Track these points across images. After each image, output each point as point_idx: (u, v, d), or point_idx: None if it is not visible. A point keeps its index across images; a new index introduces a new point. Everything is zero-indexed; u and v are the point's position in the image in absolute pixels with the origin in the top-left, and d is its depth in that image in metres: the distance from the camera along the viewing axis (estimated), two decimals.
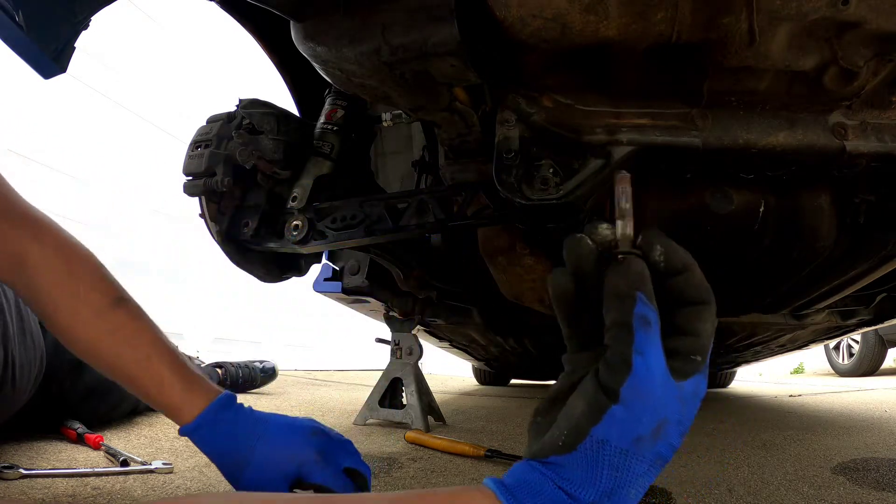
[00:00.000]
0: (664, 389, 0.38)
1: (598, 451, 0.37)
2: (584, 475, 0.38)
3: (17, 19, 0.78)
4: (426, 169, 1.25)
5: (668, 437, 0.39)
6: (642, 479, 0.38)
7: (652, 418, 0.38)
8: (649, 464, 0.38)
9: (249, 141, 1.00)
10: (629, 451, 0.37)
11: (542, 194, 0.76)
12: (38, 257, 0.64)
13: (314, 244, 1.01)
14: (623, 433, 0.37)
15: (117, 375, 0.67)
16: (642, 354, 0.37)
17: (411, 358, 1.75)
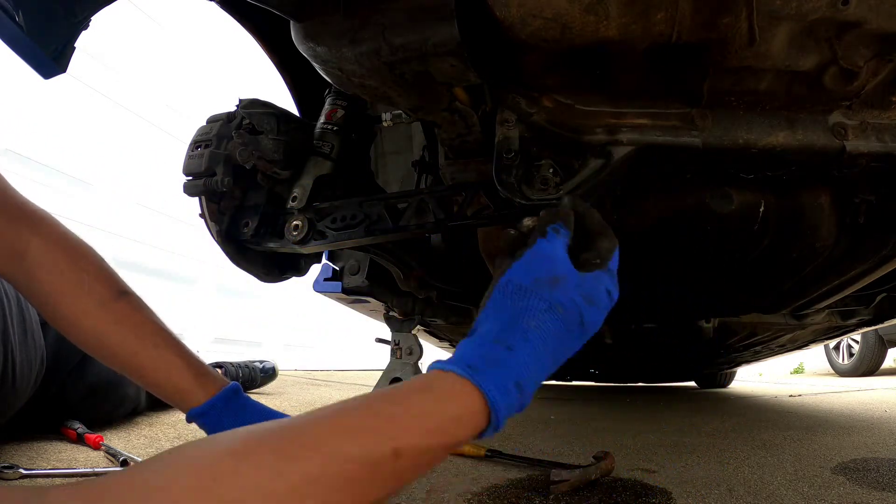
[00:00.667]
0: (561, 259, 0.49)
1: (504, 287, 0.47)
2: (493, 307, 0.46)
3: (17, 19, 0.78)
4: (426, 169, 1.25)
5: (566, 289, 0.47)
6: (540, 315, 0.45)
7: (548, 271, 0.47)
8: (546, 305, 0.45)
9: (249, 141, 1.00)
10: (528, 287, 0.46)
11: (542, 194, 0.76)
12: (39, 250, 0.64)
13: (314, 244, 1.01)
14: (524, 274, 0.47)
15: (124, 365, 0.66)
16: (548, 240, 0.50)
17: (411, 358, 1.74)
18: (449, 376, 0.41)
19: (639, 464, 1.23)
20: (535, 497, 0.95)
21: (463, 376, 0.40)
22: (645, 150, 0.78)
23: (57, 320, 0.65)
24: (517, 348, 0.43)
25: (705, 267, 1.13)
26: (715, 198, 0.92)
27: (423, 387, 0.41)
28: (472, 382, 0.40)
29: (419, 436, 0.38)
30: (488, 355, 0.42)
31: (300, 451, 0.34)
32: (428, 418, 0.39)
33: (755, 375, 7.37)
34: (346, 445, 0.35)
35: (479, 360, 0.42)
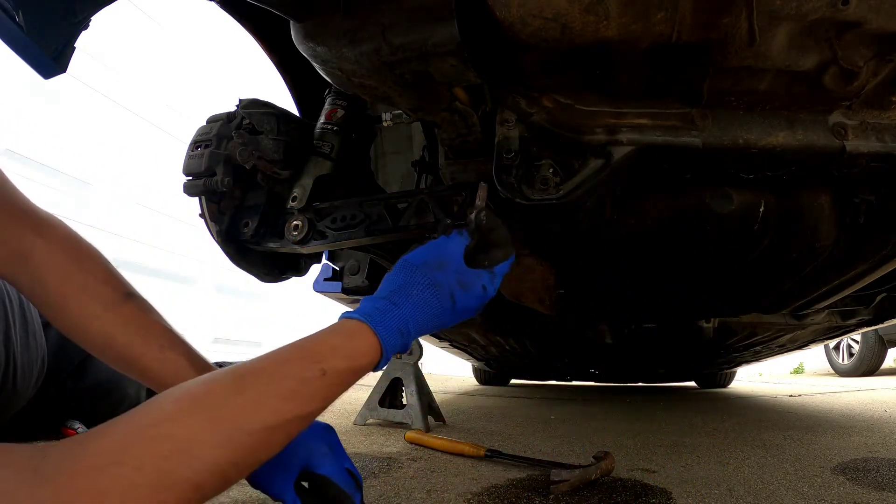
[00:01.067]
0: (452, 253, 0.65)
1: (402, 265, 0.63)
2: (390, 277, 0.62)
3: (17, 19, 0.78)
4: (426, 169, 1.25)
5: (446, 273, 0.62)
6: (422, 289, 0.60)
7: (437, 256, 0.63)
8: (427, 282, 0.61)
9: (249, 141, 1.00)
10: (417, 266, 0.62)
11: (542, 194, 0.76)
12: (44, 252, 0.64)
13: (314, 244, 1.01)
14: (417, 257, 0.63)
15: (131, 367, 0.66)
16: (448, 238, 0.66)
17: (411, 358, 1.75)
18: (354, 322, 0.57)
19: (639, 464, 1.23)
20: (535, 497, 0.95)
21: (362, 321, 0.56)
22: (645, 150, 0.78)
23: (62, 323, 0.65)
24: (401, 305, 0.59)
25: (705, 267, 1.13)
26: (715, 198, 0.92)
27: (336, 329, 0.56)
28: (368, 325, 0.56)
29: (336, 360, 0.53)
30: (381, 307, 0.58)
31: (252, 377, 0.49)
32: (342, 348, 0.54)
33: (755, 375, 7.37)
34: (286, 368, 0.50)
35: (373, 310, 0.58)
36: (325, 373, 0.51)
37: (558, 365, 2.92)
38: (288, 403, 0.48)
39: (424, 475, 1.10)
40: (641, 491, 0.99)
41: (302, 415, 0.49)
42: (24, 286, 0.65)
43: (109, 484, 0.39)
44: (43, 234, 0.65)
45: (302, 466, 0.66)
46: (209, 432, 0.44)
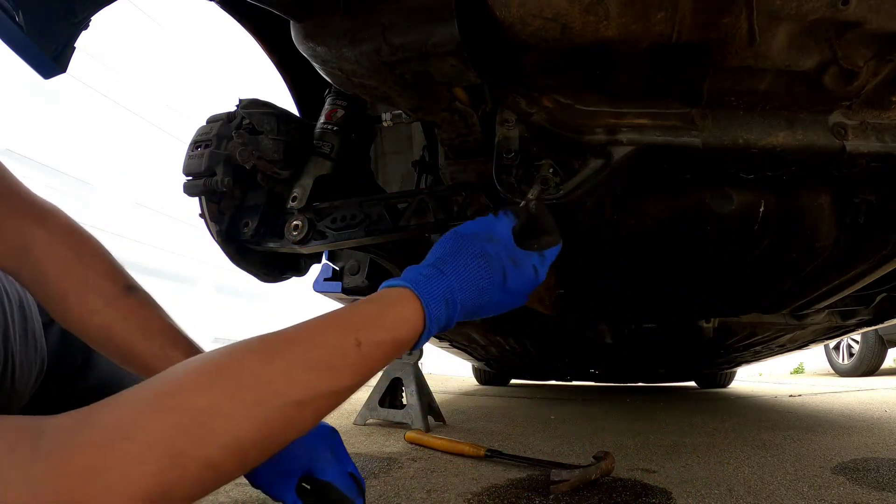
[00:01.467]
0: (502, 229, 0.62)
1: (452, 234, 0.60)
2: (439, 245, 0.59)
3: (17, 19, 0.78)
4: (426, 169, 1.25)
5: (497, 246, 0.59)
6: (472, 259, 0.57)
7: (486, 231, 0.61)
8: (479, 252, 0.58)
9: (249, 141, 1.00)
10: (468, 236, 0.59)
11: (543, 194, 0.76)
12: (44, 244, 0.63)
13: (314, 244, 1.01)
14: (468, 228, 0.61)
15: (130, 364, 0.66)
16: (496, 216, 0.64)
17: (411, 358, 1.75)
18: (395, 289, 0.52)
19: (639, 464, 1.23)
20: (535, 497, 0.95)
21: (406, 286, 0.52)
22: (645, 150, 0.78)
23: (62, 316, 0.64)
24: (448, 273, 0.55)
25: (705, 267, 1.13)
26: (715, 198, 0.92)
27: (376, 297, 0.52)
28: (412, 291, 0.52)
29: (374, 330, 0.48)
30: (427, 273, 0.54)
31: (283, 344, 0.45)
32: (380, 317, 0.50)
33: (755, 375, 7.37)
34: (319, 338, 0.46)
35: (418, 276, 0.54)
36: (361, 343, 0.47)
37: (558, 365, 2.92)
38: (320, 376, 0.44)
39: (424, 475, 1.10)
40: (641, 491, 0.99)
41: (335, 390, 0.45)
42: (26, 279, 0.64)
43: (113, 461, 0.34)
44: (43, 225, 0.64)
45: (304, 469, 0.65)
46: (231, 404, 0.39)
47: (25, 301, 1.15)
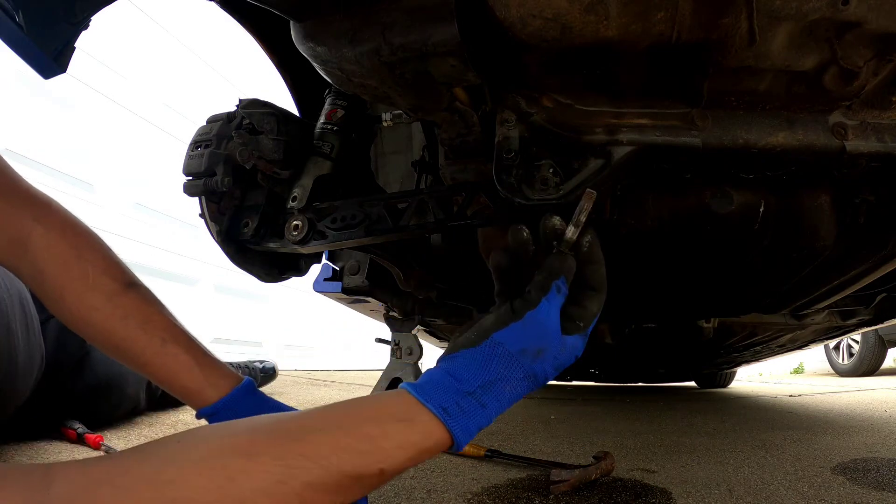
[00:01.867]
0: (553, 330, 0.52)
1: (494, 348, 0.50)
2: (479, 364, 0.50)
3: (17, 19, 0.78)
4: (426, 169, 1.25)
5: (543, 363, 0.51)
6: (516, 384, 0.50)
7: (537, 342, 0.51)
8: (524, 374, 0.51)
9: (249, 141, 1.00)
10: (515, 356, 0.50)
11: (542, 194, 0.76)
12: (43, 240, 0.62)
13: (314, 244, 1.01)
14: (515, 342, 0.51)
15: (131, 361, 0.65)
16: (549, 302, 0.52)
17: (411, 358, 1.74)
18: (426, 414, 0.47)
19: (639, 464, 1.23)
20: (535, 497, 0.95)
21: (439, 419, 0.47)
22: (645, 150, 0.78)
23: (62, 313, 0.64)
24: (489, 407, 0.49)
25: (705, 267, 1.13)
26: (715, 198, 0.92)
27: (405, 416, 0.47)
28: (446, 427, 0.47)
29: (400, 461, 0.46)
30: (463, 405, 0.48)
31: (301, 461, 0.42)
32: (410, 449, 0.46)
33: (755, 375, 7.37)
34: (342, 462, 0.43)
35: (454, 406, 0.48)
36: (384, 472, 0.45)
37: None
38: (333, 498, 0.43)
39: (424, 475, 1.10)
40: (641, 491, 0.99)
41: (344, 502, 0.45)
42: (25, 275, 0.63)
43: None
44: (42, 220, 0.63)
45: None
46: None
47: (25, 298, 1.15)
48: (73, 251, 0.63)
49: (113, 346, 0.64)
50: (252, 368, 2.39)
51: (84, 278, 0.63)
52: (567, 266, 0.55)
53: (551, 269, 0.54)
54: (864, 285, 1.11)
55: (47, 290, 0.63)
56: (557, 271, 0.54)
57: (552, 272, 0.54)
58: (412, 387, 0.49)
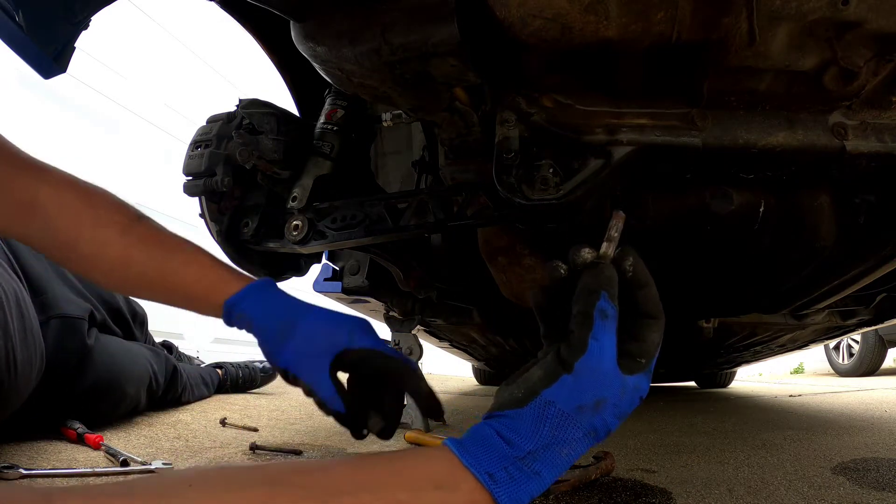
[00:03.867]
0: (610, 374, 0.44)
1: (544, 409, 0.43)
2: (529, 428, 0.43)
3: (17, 19, 0.78)
4: (426, 169, 1.25)
5: (604, 415, 0.44)
6: (575, 444, 0.44)
7: (595, 393, 0.44)
8: (584, 433, 0.44)
9: (249, 141, 1.00)
10: (570, 415, 0.43)
11: (542, 194, 0.76)
12: (50, 197, 0.64)
13: (314, 244, 1.01)
14: (569, 399, 0.43)
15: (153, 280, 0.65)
16: (598, 340, 0.44)
17: (411, 358, 1.74)
18: (469, 479, 0.41)
19: (639, 464, 1.23)
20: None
21: (485, 486, 0.41)
22: (645, 150, 0.78)
23: (78, 261, 0.65)
24: (543, 475, 0.43)
25: (705, 267, 1.13)
26: (715, 198, 0.92)
27: (444, 483, 0.41)
28: (492, 497, 0.41)
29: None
30: (513, 472, 0.42)
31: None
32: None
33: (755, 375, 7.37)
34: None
35: (502, 472, 0.42)
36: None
37: None
38: None
39: None
40: (641, 491, 0.99)
41: None
42: (34, 237, 0.64)
43: None
44: (46, 180, 0.65)
45: (338, 348, 0.61)
46: None
47: (22, 298, 1.15)
48: (81, 199, 0.65)
49: (134, 272, 0.65)
50: (252, 368, 2.39)
51: (96, 220, 0.65)
52: (604, 279, 0.47)
53: (587, 289, 0.46)
54: (864, 285, 1.11)
55: (60, 243, 0.64)
56: (595, 288, 0.46)
57: (589, 293, 0.46)
58: (455, 444, 0.43)
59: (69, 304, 1.33)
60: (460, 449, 0.42)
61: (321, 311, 0.63)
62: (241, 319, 0.64)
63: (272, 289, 0.65)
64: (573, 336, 0.45)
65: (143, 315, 1.75)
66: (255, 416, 1.83)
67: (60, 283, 1.36)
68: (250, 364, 2.40)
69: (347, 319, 0.63)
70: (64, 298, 1.33)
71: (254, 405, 2.05)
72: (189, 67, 4.24)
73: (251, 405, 2.05)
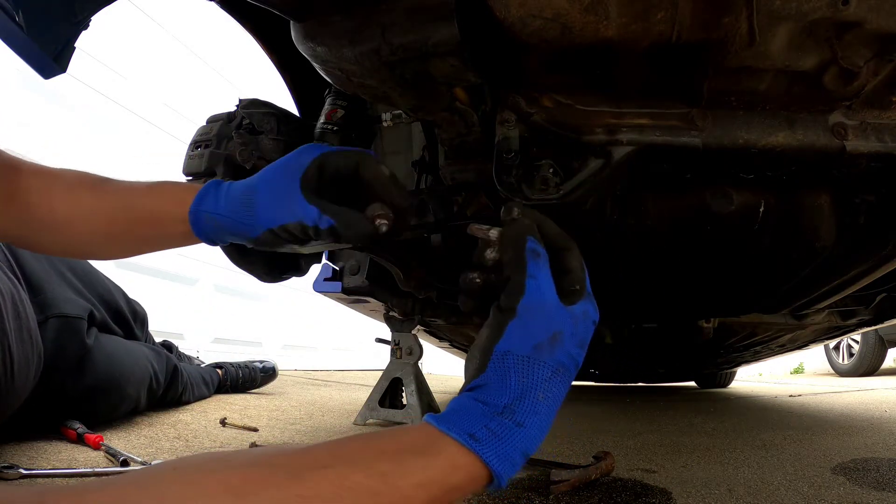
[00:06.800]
0: (555, 307, 0.45)
1: (503, 361, 0.43)
2: (497, 385, 0.43)
3: (17, 19, 0.78)
4: (426, 169, 1.25)
5: (564, 347, 0.44)
6: (548, 384, 0.43)
7: (546, 328, 0.44)
8: (552, 370, 0.43)
9: (249, 141, 1.00)
10: (530, 357, 0.43)
11: (542, 194, 0.76)
12: (24, 178, 0.65)
13: (314, 244, 1.00)
14: (523, 342, 0.43)
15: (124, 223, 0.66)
16: (535, 278, 0.45)
17: (411, 358, 1.75)
18: (451, 444, 0.40)
19: (639, 464, 1.23)
20: (535, 497, 0.95)
21: (467, 447, 0.40)
22: (645, 150, 0.78)
23: (55, 225, 0.66)
24: (528, 425, 0.42)
25: (705, 267, 1.13)
26: (715, 198, 0.92)
27: (424, 450, 0.40)
28: (476, 455, 0.40)
29: (428, 500, 0.38)
30: (494, 428, 0.41)
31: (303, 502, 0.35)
32: (433, 488, 0.39)
33: (755, 375, 7.37)
34: None
35: (483, 430, 0.41)
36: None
37: None
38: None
39: None
40: (641, 491, 0.99)
41: None
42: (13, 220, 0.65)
43: None
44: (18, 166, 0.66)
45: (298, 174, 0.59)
46: None
47: (19, 298, 1.15)
48: (50, 173, 0.67)
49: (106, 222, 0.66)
50: (252, 368, 2.39)
51: (68, 184, 0.66)
52: (525, 225, 0.48)
53: (513, 238, 0.47)
54: (864, 285, 1.11)
55: (36, 213, 0.65)
56: (520, 233, 0.47)
57: (516, 239, 0.47)
58: (433, 417, 0.43)
59: (68, 303, 1.32)
60: (438, 419, 0.42)
61: (269, 167, 0.63)
62: (210, 221, 0.63)
63: (224, 183, 0.65)
64: (510, 282, 0.45)
65: (144, 315, 1.75)
66: (255, 416, 1.84)
67: (60, 282, 1.36)
68: (250, 364, 2.40)
69: (293, 153, 0.63)
70: (63, 298, 1.32)
71: (254, 405, 2.05)
72: (189, 67, 4.24)
73: (251, 405, 2.05)
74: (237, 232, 0.63)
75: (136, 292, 1.80)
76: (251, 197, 0.61)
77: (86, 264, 1.52)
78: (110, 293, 1.55)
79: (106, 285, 1.55)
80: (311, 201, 0.57)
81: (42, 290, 1.30)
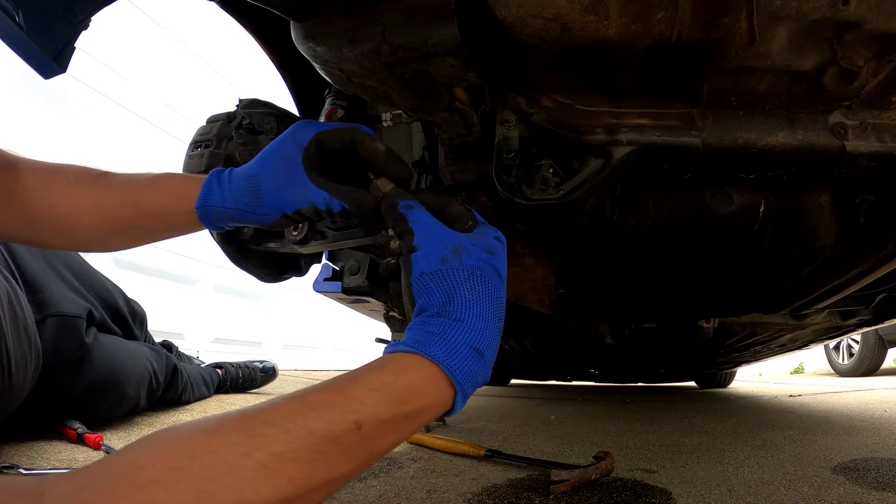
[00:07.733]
0: (448, 231, 0.50)
1: (420, 283, 0.48)
2: (425, 300, 0.47)
3: (17, 19, 0.78)
4: (426, 169, 1.25)
5: (470, 253, 0.49)
6: (469, 283, 0.47)
7: (446, 246, 0.49)
8: (468, 273, 0.48)
9: (249, 141, 1.00)
10: (441, 269, 0.47)
11: (542, 194, 0.76)
12: (24, 174, 0.65)
13: (314, 244, 1.01)
14: (431, 262, 0.48)
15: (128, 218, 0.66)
16: (417, 220, 0.51)
17: None
18: (400, 354, 0.44)
19: (639, 464, 1.23)
20: (535, 497, 0.95)
21: (413, 351, 0.43)
22: (645, 150, 0.78)
23: (57, 225, 0.66)
24: (464, 318, 0.45)
25: (705, 267, 1.13)
26: (715, 198, 0.92)
27: (378, 364, 0.44)
28: (421, 354, 0.43)
29: (378, 407, 0.40)
30: (433, 329, 0.45)
31: (265, 428, 0.37)
32: (385, 390, 0.41)
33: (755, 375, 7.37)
34: (309, 421, 0.38)
35: (424, 335, 0.44)
36: (361, 426, 0.39)
37: (558, 365, 2.92)
38: (311, 468, 0.38)
39: (424, 475, 1.10)
40: (641, 491, 0.99)
41: (330, 479, 0.39)
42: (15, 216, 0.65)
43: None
44: (16, 164, 0.66)
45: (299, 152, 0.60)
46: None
47: (15, 297, 1.15)
48: (50, 169, 0.67)
49: (110, 216, 0.66)
50: (252, 368, 2.39)
51: (68, 180, 0.66)
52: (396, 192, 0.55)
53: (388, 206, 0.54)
54: (864, 285, 1.11)
55: (36, 209, 0.65)
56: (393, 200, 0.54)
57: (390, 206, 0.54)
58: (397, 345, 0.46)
59: (67, 302, 1.32)
60: (391, 346, 0.46)
61: (266, 152, 0.63)
62: (219, 214, 0.63)
63: (224, 172, 0.65)
64: (402, 236, 0.51)
65: (143, 315, 1.75)
66: None
67: (58, 281, 1.36)
68: (250, 364, 2.40)
69: (286, 133, 0.63)
70: (61, 297, 1.32)
71: None
72: (189, 67, 4.24)
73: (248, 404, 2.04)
74: (250, 220, 0.64)
75: (136, 292, 1.80)
76: (257, 186, 0.61)
77: (84, 264, 1.52)
78: (109, 293, 1.55)
79: (105, 285, 1.55)
80: (319, 185, 0.58)
81: (40, 289, 1.30)
